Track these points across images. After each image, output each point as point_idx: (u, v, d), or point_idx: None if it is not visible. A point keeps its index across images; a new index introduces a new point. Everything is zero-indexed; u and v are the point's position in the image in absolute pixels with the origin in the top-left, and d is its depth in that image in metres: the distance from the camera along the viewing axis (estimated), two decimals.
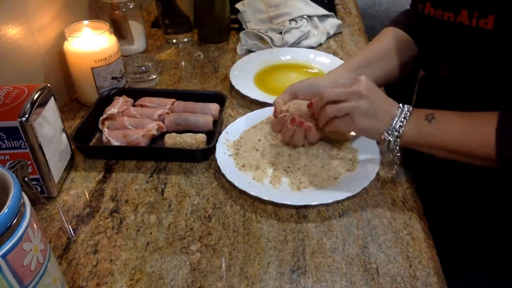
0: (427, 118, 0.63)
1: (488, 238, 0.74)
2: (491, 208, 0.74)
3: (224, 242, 0.62)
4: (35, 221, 0.45)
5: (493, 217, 0.74)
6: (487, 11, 0.60)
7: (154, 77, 0.99)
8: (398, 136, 0.64)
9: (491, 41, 0.61)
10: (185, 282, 0.56)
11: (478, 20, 0.61)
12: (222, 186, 0.71)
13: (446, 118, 0.63)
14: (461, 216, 0.77)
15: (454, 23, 0.65)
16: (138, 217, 0.66)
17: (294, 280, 0.56)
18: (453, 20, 0.65)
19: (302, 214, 0.66)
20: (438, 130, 0.63)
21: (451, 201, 0.78)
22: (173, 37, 1.17)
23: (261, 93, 0.95)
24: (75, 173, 0.75)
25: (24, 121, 0.61)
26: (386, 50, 0.83)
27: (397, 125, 0.64)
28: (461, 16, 0.64)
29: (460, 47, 0.67)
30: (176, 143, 0.76)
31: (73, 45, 0.86)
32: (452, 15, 0.65)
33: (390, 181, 0.71)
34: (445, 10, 0.66)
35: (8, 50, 0.77)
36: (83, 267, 0.59)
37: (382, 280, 0.56)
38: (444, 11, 0.66)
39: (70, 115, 0.90)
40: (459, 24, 0.64)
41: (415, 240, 0.61)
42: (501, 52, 0.62)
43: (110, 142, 0.77)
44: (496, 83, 0.64)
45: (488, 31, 0.61)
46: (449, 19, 0.66)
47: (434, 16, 0.69)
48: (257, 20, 1.19)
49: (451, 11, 0.65)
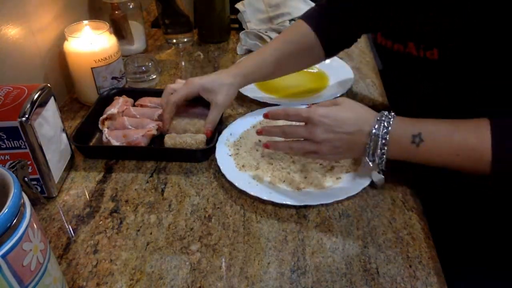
0: (414, 141, 0.60)
1: (488, 238, 0.74)
2: (491, 208, 0.73)
3: (224, 242, 0.62)
4: (35, 221, 0.45)
5: (493, 217, 0.73)
6: (431, 45, 0.62)
7: (154, 77, 0.99)
8: (382, 161, 0.62)
9: (439, 69, 0.63)
10: (185, 282, 0.56)
11: (425, 52, 0.63)
12: (222, 186, 0.71)
13: (435, 138, 0.60)
14: (461, 216, 0.77)
15: (404, 53, 0.67)
16: (138, 217, 0.66)
17: (294, 280, 0.56)
18: (403, 51, 0.67)
19: (302, 214, 0.66)
20: (428, 152, 0.60)
21: (451, 201, 0.78)
22: (173, 37, 1.17)
23: (261, 93, 0.95)
24: (75, 173, 0.75)
25: (24, 121, 0.61)
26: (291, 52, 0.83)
27: (378, 152, 0.62)
28: (409, 47, 0.65)
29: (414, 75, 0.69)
30: (176, 143, 0.76)
31: (73, 45, 0.86)
32: (402, 46, 0.66)
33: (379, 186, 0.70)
34: (394, 42, 0.68)
35: (8, 50, 0.77)
36: (83, 267, 0.59)
37: (382, 280, 0.56)
38: (394, 43, 0.68)
39: (70, 115, 0.90)
40: (408, 54, 0.66)
41: (415, 240, 0.61)
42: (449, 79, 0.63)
43: (110, 142, 0.77)
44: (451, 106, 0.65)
45: (435, 61, 0.62)
46: (398, 49, 0.67)
47: (385, 46, 0.70)
48: (257, 20, 1.19)
49: (400, 43, 0.67)
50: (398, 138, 0.61)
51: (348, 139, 0.63)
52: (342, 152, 0.65)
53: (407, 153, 0.62)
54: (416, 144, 0.60)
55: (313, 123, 0.64)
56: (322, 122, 0.64)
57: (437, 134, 0.60)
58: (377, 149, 0.62)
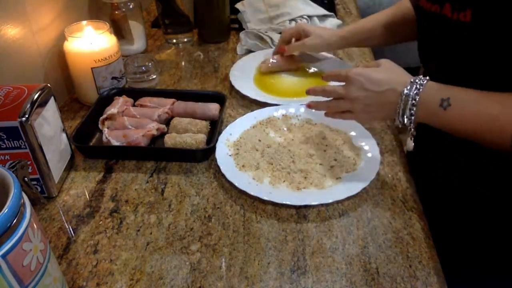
0: (442, 105, 0.62)
1: (487, 239, 0.74)
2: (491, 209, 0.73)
3: (224, 242, 0.62)
4: (35, 221, 0.45)
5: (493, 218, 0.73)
6: (465, 5, 0.61)
7: (154, 77, 0.99)
8: (411, 122, 0.64)
9: (470, 34, 0.62)
10: (185, 282, 0.56)
11: (459, 14, 0.62)
12: (222, 186, 0.71)
13: (463, 104, 0.61)
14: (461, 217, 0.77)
15: (440, 15, 0.66)
16: (138, 217, 0.66)
17: (294, 280, 0.56)
18: (439, 12, 0.66)
19: (302, 214, 0.66)
20: (454, 117, 0.61)
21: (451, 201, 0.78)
22: (173, 37, 1.17)
23: (261, 93, 0.95)
24: (75, 173, 0.75)
25: (24, 121, 0.61)
26: (396, 21, 0.88)
27: (407, 113, 0.63)
28: (445, 8, 0.65)
29: (445, 41, 0.68)
30: (176, 143, 0.76)
31: (73, 45, 0.86)
32: (438, 7, 0.66)
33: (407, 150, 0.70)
34: (433, 3, 0.68)
35: (8, 50, 0.77)
36: (83, 267, 0.59)
37: (382, 280, 0.56)
38: (432, 4, 0.68)
39: (70, 115, 0.90)
40: (443, 16, 0.65)
41: (415, 240, 0.61)
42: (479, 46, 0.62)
43: (110, 142, 0.77)
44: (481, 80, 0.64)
45: (467, 24, 0.62)
46: (435, 11, 0.67)
47: (424, 8, 0.70)
48: (257, 20, 1.19)
49: (437, 3, 0.67)
50: (427, 100, 0.63)
51: (380, 97, 0.66)
52: (374, 111, 0.67)
53: (434, 116, 0.63)
54: (444, 108, 0.62)
55: (349, 81, 0.68)
56: (356, 80, 0.67)
57: (465, 101, 0.62)
58: (407, 110, 0.63)
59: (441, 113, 0.62)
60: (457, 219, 0.78)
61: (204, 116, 0.84)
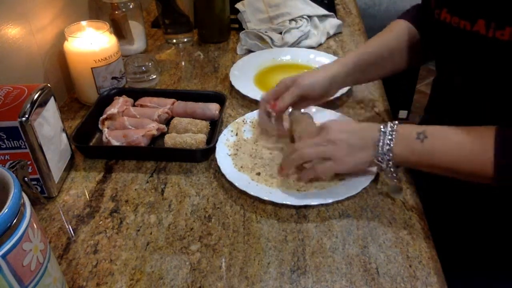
0: (419, 138, 0.62)
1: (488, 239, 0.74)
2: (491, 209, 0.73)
3: (224, 242, 0.62)
4: (35, 221, 0.45)
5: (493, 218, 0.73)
6: (504, 23, 0.58)
7: (154, 77, 0.99)
8: (389, 160, 0.63)
9: (507, 52, 0.60)
10: (185, 282, 0.56)
11: (495, 31, 0.59)
12: (222, 186, 0.71)
13: (439, 136, 0.62)
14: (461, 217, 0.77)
15: (470, 32, 0.62)
16: (138, 217, 0.66)
17: (294, 280, 0.56)
18: (469, 29, 0.63)
19: (302, 214, 0.66)
20: (433, 149, 0.61)
21: (451, 201, 0.78)
22: (173, 37, 1.17)
23: (261, 93, 0.94)
24: (75, 173, 0.75)
25: (24, 121, 0.61)
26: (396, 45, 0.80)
27: (385, 148, 0.62)
28: (477, 25, 0.61)
29: (476, 57, 0.65)
30: (176, 143, 0.76)
31: (73, 45, 0.86)
32: (469, 24, 0.63)
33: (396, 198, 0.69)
34: (461, 18, 0.64)
35: (8, 50, 0.77)
36: (83, 267, 0.59)
37: (382, 280, 0.56)
38: (461, 19, 0.64)
39: (70, 115, 0.90)
40: (475, 33, 0.62)
41: (415, 240, 0.61)
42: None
43: (110, 142, 0.77)
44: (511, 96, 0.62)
45: (505, 42, 0.59)
46: (465, 27, 0.63)
47: (450, 23, 0.66)
48: (257, 20, 1.19)
49: (467, 19, 0.63)
50: (403, 134, 0.63)
51: (361, 132, 0.66)
52: (358, 150, 0.65)
53: (412, 149, 0.62)
54: (421, 140, 0.61)
55: (326, 128, 0.67)
56: (334, 124, 0.67)
57: (442, 132, 0.62)
58: (384, 145, 0.63)
59: (418, 146, 0.61)
60: (457, 219, 0.78)
61: (204, 116, 0.84)
